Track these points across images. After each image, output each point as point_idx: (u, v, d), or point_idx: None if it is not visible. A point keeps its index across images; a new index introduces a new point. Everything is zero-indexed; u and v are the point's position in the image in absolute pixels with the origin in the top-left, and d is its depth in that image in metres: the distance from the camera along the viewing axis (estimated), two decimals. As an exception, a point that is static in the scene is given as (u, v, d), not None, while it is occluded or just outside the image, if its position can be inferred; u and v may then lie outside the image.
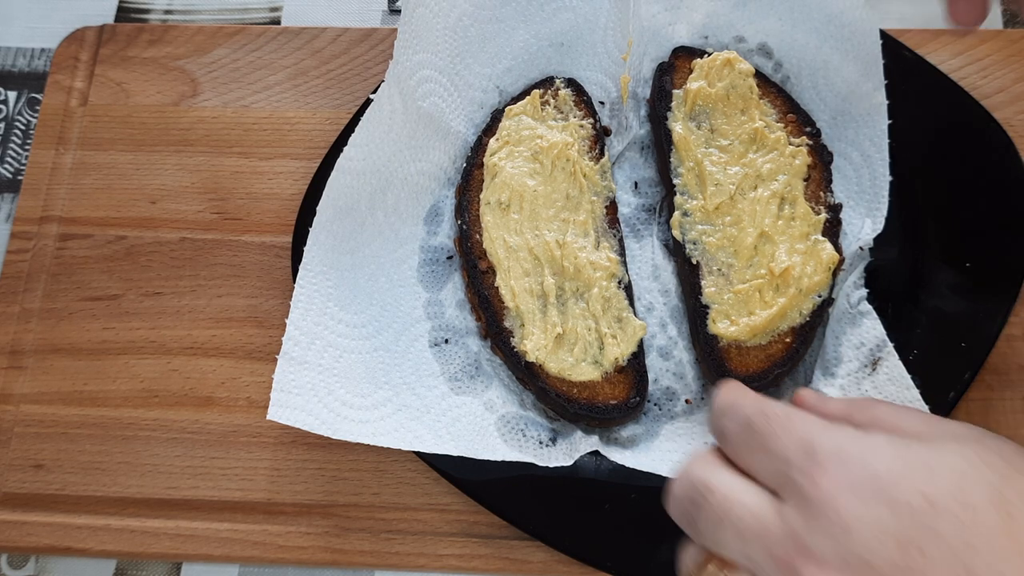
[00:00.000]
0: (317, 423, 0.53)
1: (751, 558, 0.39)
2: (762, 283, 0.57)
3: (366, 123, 0.60)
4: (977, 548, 0.34)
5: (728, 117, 0.61)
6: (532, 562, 0.56)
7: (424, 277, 0.63)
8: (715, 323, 0.56)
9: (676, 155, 0.61)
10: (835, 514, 0.36)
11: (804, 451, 0.39)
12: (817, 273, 0.56)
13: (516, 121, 0.64)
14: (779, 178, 0.59)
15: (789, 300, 0.56)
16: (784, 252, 0.57)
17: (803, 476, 0.38)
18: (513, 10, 0.66)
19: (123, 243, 0.68)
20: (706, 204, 0.59)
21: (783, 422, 0.41)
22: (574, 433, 0.57)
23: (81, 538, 0.59)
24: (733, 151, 0.60)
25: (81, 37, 0.74)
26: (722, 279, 0.57)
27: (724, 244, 0.58)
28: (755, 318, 0.56)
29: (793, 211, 0.58)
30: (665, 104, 0.62)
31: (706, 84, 0.61)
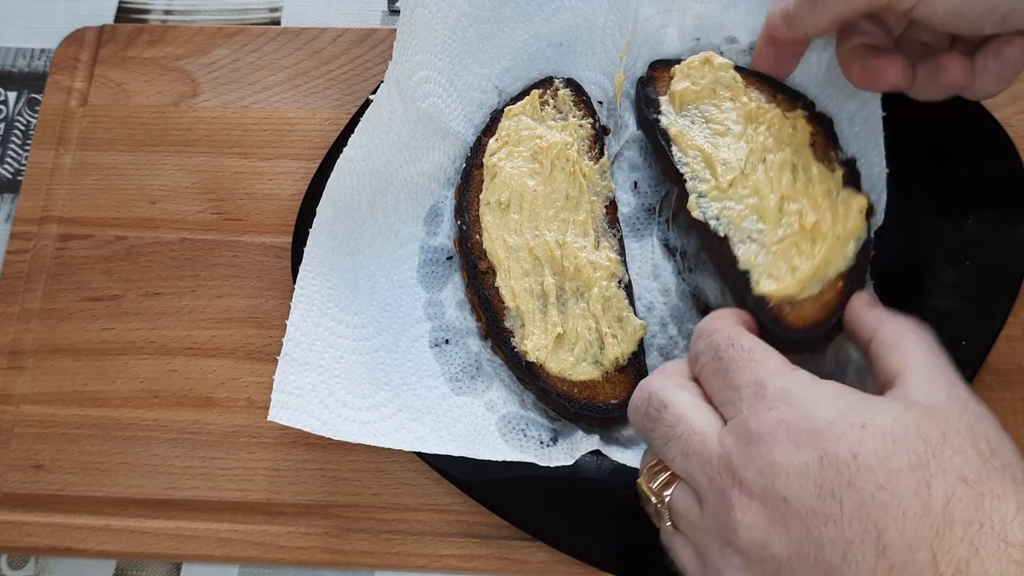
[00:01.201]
0: (318, 424, 0.53)
1: (691, 475, 0.42)
2: (797, 237, 0.55)
3: (366, 124, 0.60)
4: (889, 508, 0.36)
5: (718, 107, 0.61)
6: (532, 562, 0.56)
7: (424, 277, 0.63)
8: (759, 284, 0.54)
9: (677, 150, 0.60)
10: (767, 449, 0.39)
11: (755, 386, 0.42)
12: (849, 219, 0.55)
13: (515, 121, 0.64)
14: (784, 148, 0.58)
15: (829, 247, 0.54)
16: (810, 208, 0.56)
17: (748, 408, 0.41)
18: (512, 10, 0.66)
19: (123, 243, 0.68)
20: (719, 183, 0.58)
21: (746, 355, 0.44)
22: (575, 433, 0.57)
23: (81, 538, 0.59)
24: (732, 133, 0.60)
25: (81, 37, 0.74)
26: (755, 245, 0.55)
27: (747, 213, 0.56)
28: (800, 270, 0.54)
29: (808, 175, 0.57)
30: (654, 110, 0.62)
31: (690, 84, 0.61)
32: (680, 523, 0.44)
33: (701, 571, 0.43)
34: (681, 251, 0.63)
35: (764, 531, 0.38)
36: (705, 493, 0.42)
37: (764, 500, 0.39)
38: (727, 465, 0.40)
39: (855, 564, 0.36)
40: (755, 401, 0.41)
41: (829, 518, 0.37)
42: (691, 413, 0.43)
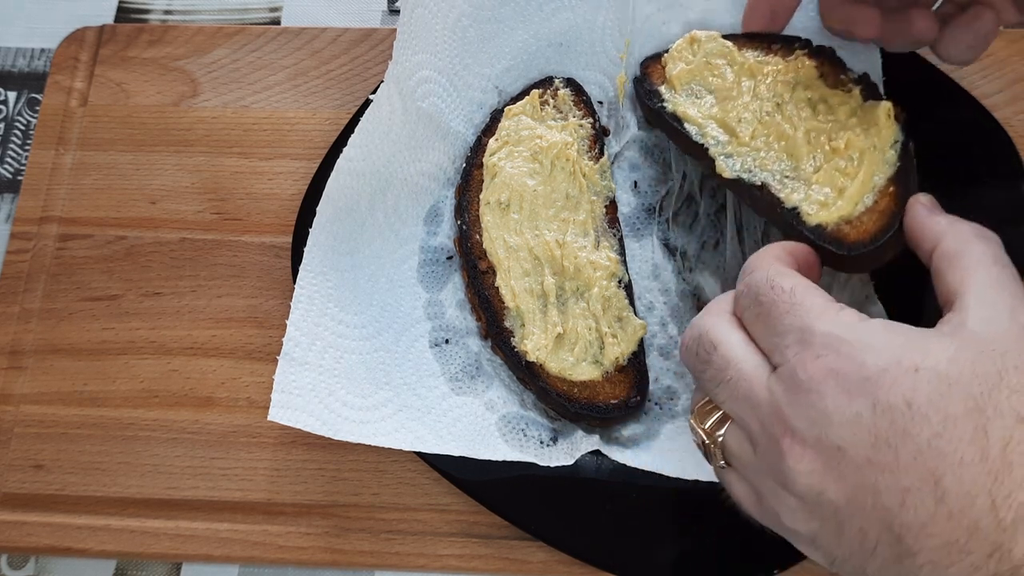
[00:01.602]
0: (318, 424, 0.53)
1: (742, 419, 0.42)
2: (835, 161, 0.54)
3: (365, 123, 0.60)
4: (946, 455, 0.36)
5: (717, 75, 0.60)
6: (532, 562, 0.56)
7: (424, 277, 0.63)
8: (811, 215, 0.52)
9: (690, 126, 0.59)
10: (819, 399, 0.38)
11: (800, 332, 0.40)
12: (880, 127, 0.54)
13: (515, 121, 0.64)
14: (796, 88, 0.57)
15: (869, 159, 0.53)
16: (836, 130, 0.55)
17: (795, 356, 0.40)
18: (512, 10, 0.66)
19: (123, 243, 0.68)
20: (740, 139, 0.57)
21: (787, 298, 0.42)
22: (575, 433, 0.57)
23: (81, 538, 0.59)
24: (739, 92, 0.59)
25: (81, 37, 0.74)
26: (794, 182, 0.54)
27: (778, 156, 0.55)
28: (847, 189, 0.52)
29: (828, 104, 0.56)
30: (656, 99, 0.61)
31: (684, 65, 0.61)
32: (734, 462, 0.44)
33: (757, 507, 0.43)
34: (681, 251, 0.63)
35: (819, 478, 0.38)
36: (757, 437, 0.41)
37: (818, 449, 0.38)
38: (777, 413, 0.40)
39: (913, 510, 0.36)
40: (801, 349, 0.40)
41: (885, 467, 0.36)
42: (740, 356, 0.42)
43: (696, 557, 0.55)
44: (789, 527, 0.41)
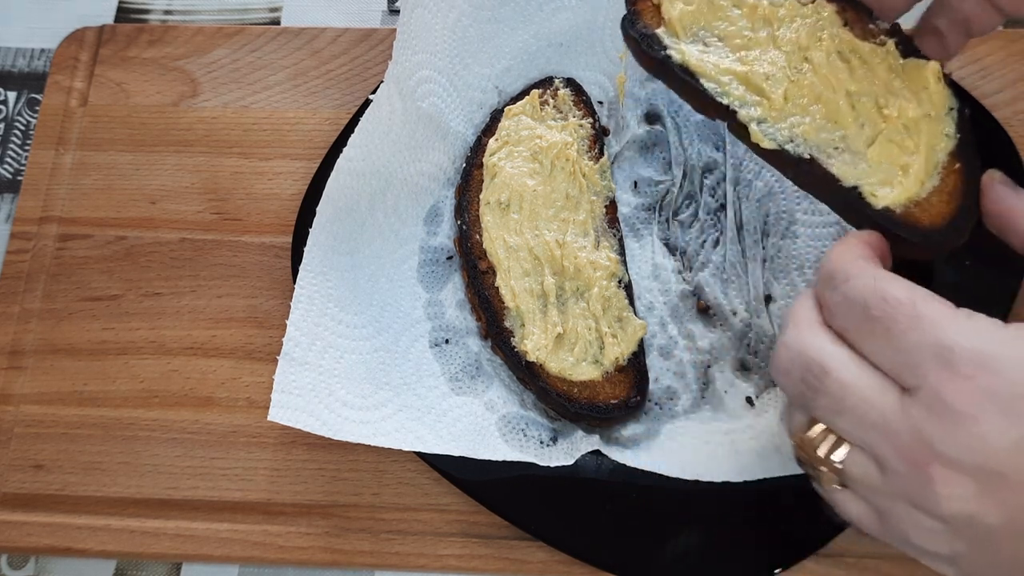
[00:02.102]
0: (318, 424, 0.53)
1: (870, 445, 0.39)
2: (889, 131, 0.49)
3: (365, 123, 0.60)
4: None
5: (726, 19, 0.53)
6: (532, 562, 0.56)
7: (424, 277, 0.63)
8: (877, 197, 0.47)
9: (707, 81, 0.52)
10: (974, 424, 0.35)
11: (938, 354, 0.36)
12: (931, 91, 0.49)
13: (515, 121, 0.64)
14: (822, 39, 0.52)
15: (928, 128, 0.48)
16: (883, 94, 0.50)
17: (937, 378, 0.36)
18: (512, 10, 0.66)
19: (123, 243, 0.68)
20: (773, 101, 0.51)
21: (908, 312, 0.38)
22: (575, 433, 0.57)
23: (81, 538, 0.59)
24: (756, 43, 0.52)
25: (81, 37, 0.74)
26: (846, 155, 0.49)
27: (821, 123, 0.50)
28: (911, 166, 0.47)
29: (862, 58, 0.51)
30: (658, 47, 0.53)
31: (683, 4, 0.54)
32: (854, 486, 0.41)
33: (878, 527, 0.41)
34: (681, 251, 0.63)
35: (973, 503, 0.36)
36: (891, 463, 0.38)
37: (974, 475, 0.36)
38: (921, 439, 0.37)
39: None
40: (942, 369, 0.36)
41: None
42: (859, 380, 0.39)
43: (696, 557, 0.55)
44: (922, 547, 0.39)
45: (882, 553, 0.55)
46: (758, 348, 0.59)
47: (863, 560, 0.55)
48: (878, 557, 0.55)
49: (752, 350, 0.59)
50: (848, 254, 0.42)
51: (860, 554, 0.55)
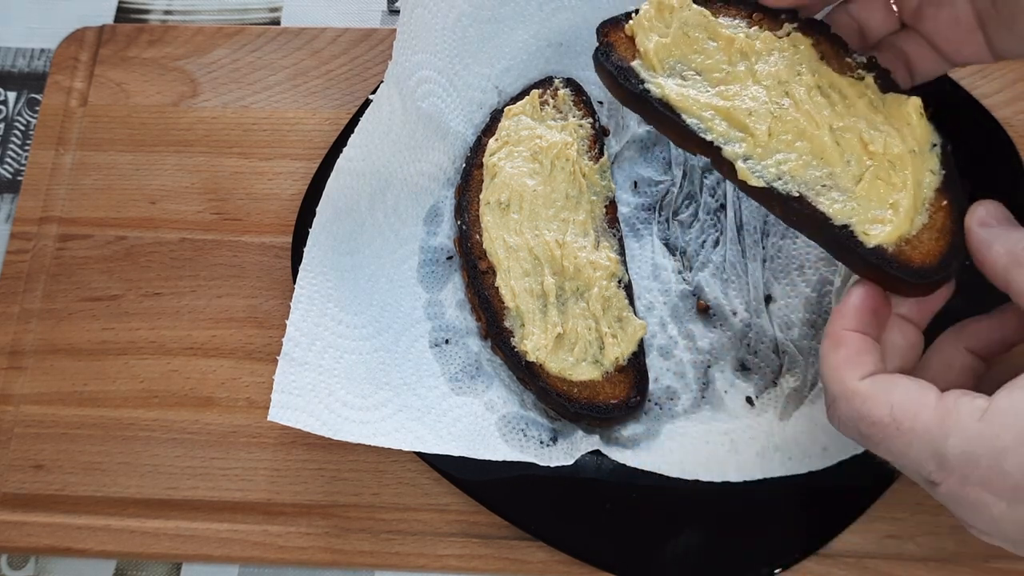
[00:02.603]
0: (318, 424, 0.53)
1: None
2: (876, 168, 0.49)
3: (365, 124, 0.60)
4: None
5: (702, 52, 0.53)
6: (532, 562, 0.56)
7: (424, 277, 0.63)
8: (869, 235, 0.47)
9: (688, 116, 0.51)
10: (985, 509, 0.41)
11: (933, 459, 0.41)
12: (914, 126, 0.49)
13: (515, 121, 0.64)
14: (800, 71, 0.51)
15: (913, 166, 0.48)
16: (867, 130, 0.50)
17: (944, 483, 0.41)
18: (512, 10, 0.66)
19: (123, 243, 0.68)
20: (757, 138, 0.50)
21: (894, 430, 0.42)
22: (575, 433, 0.57)
23: (81, 538, 0.59)
24: (734, 76, 0.52)
25: (81, 37, 0.74)
26: (835, 192, 0.49)
27: (807, 159, 0.50)
28: (900, 203, 0.48)
29: (842, 93, 0.51)
30: (635, 80, 0.52)
31: (659, 37, 0.53)
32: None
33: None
34: (681, 251, 0.63)
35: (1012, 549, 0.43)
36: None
37: (1003, 542, 0.43)
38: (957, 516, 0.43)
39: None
40: (944, 475, 0.41)
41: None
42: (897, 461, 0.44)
43: (696, 557, 0.55)
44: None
45: (882, 553, 0.55)
46: (758, 348, 0.59)
47: (863, 560, 0.55)
48: (878, 557, 0.55)
49: (752, 350, 0.59)
50: (828, 363, 0.46)
51: (860, 554, 0.55)
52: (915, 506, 0.56)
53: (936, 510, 0.56)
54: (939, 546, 0.55)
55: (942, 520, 0.55)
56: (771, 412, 0.57)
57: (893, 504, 0.56)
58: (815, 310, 0.60)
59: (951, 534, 0.55)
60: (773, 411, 0.57)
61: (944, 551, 0.55)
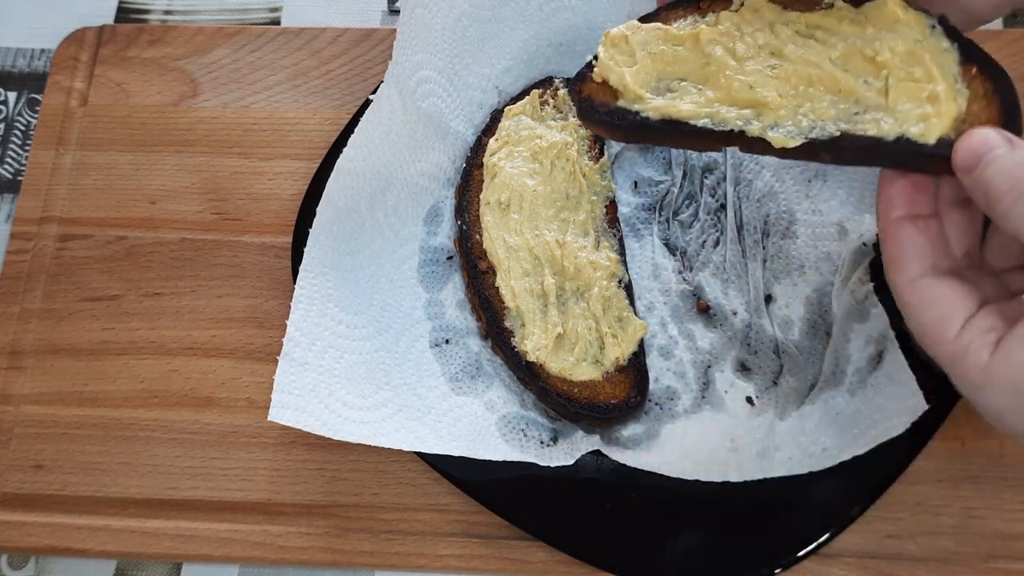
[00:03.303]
0: (318, 424, 0.53)
1: None
2: (894, 74, 0.48)
3: (365, 124, 0.60)
4: None
5: (675, 62, 0.52)
6: (532, 562, 0.56)
7: (424, 277, 0.63)
8: (926, 133, 0.46)
9: (697, 121, 0.50)
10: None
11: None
12: (902, 20, 0.49)
13: (515, 121, 0.64)
14: (773, 29, 0.51)
15: (926, 51, 0.48)
16: (865, 46, 0.49)
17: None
18: (512, 10, 0.66)
19: (123, 243, 0.68)
20: (770, 105, 0.49)
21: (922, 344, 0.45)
22: (575, 433, 0.57)
23: (81, 538, 0.59)
24: (718, 65, 0.51)
25: (81, 38, 0.74)
26: (870, 113, 0.48)
27: (829, 100, 0.49)
28: (938, 91, 0.46)
29: (819, 27, 0.51)
30: (631, 116, 0.51)
31: (632, 71, 0.52)
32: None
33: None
34: (681, 251, 0.63)
35: None
36: None
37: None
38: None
39: None
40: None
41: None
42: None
43: (696, 557, 0.55)
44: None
45: (882, 553, 0.55)
46: (758, 348, 0.59)
47: (863, 560, 0.55)
48: (878, 557, 0.55)
49: (752, 350, 0.59)
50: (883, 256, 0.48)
51: (860, 554, 0.55)
52: (915, 506, 0.56)
53: (936, 510, 0.56)
54: (939, 546, 0.55)
55: (942, 520, 0.56)
56: (771, 412, 0.57)
57: (893, 504, 0.56)
58: (815, 310, 0.60)
59: (951, 534, 0.55)
60: (773, 411, 0.57)
61: (944, 551, 0.55)
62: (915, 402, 0.52)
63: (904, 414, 0.52)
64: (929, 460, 0.56)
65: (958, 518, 0.55)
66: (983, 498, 0.56)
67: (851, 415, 0.55)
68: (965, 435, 0.57)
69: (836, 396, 0.56)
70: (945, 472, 0.57)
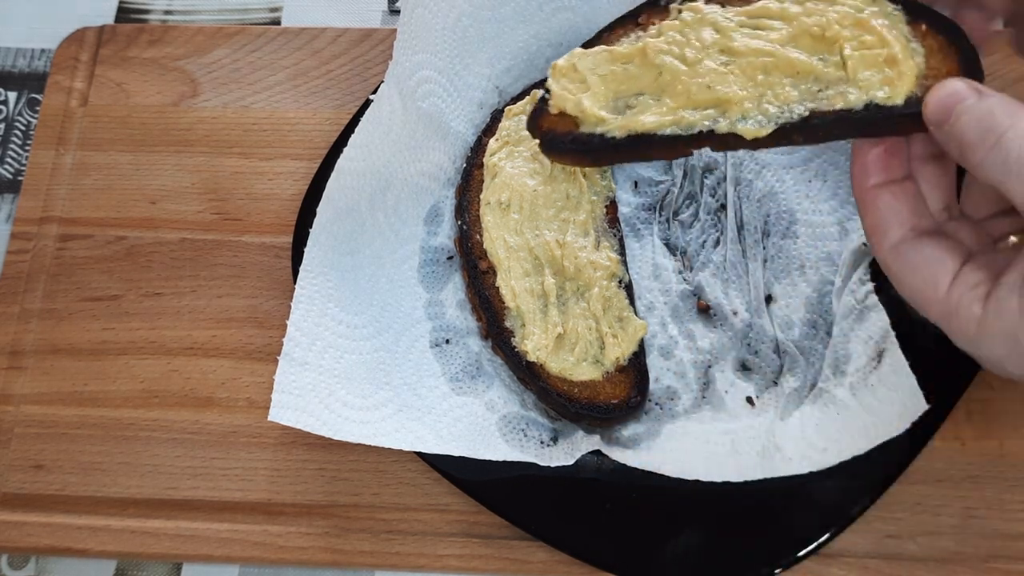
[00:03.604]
0: (318, 424, 0.53)
1: None
2: (846, 45, 0.48)
3: (366, 124, 0.60)
4: None
5: (628, 79, 0.52)
6: (533, 562, 0.56)
7: (425, 277, 0.63)
8: (892, 95, 0.46)
9: (664, 130, 0.50)
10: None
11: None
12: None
13: (516, 121, 0.64)
14: (716, 26, 0.51)
15: (872, 17, 0.48)
16: (812, 24, 0.49)
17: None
18: (512, 10, 0.66)
19: (123, 243, 0.68)
20: (732, 100, 0.49)
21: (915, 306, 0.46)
22: (575, 433, 0.57)
23: (81, 538, 0.59)
24: (670, 73, 0.51)
25: (81, 38, 0.74)
26: (832, 88, 0.48)
27: (789, 83, 0.49)
28: (893, 53, 0.47)
29: (762, 15, 0.51)
30: (596, 140, 0.51)
31: (589, 95, 0.52)
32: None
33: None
34: (681, 251, 0.63)
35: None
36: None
37: None
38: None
39: None
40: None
41: None
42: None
43: (696, 557, 0.55)
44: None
45: (882, 553, 0.55)
46: (759, 348, 0.59)
47: (863, 560, 0.55)
48: (878, 557, 0.55)
49: (753, 350, 0.59)
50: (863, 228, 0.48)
51: (860, 554, 0.55)
52: (915, 506, 0.56)
53: (936, 510, 0.56)
54: (939, 546, 0.55)
55: (942, 520, 0.56)
56: (771, 412, 0.57)
57: (893, 504, 0.56)
58: (815, 310, 0.60)
59: (951, 534, 0.55)
60: (774, 411, 0.57)
61: (944, 551, 0.55)
62: (915, 402, 0.52)
63: (904, 414, 0.52)
64: (929, 460, 0.56)
65: (958, 518, 0.55)
66: (983, 498, 0.56)
67: (851, 415, 0.55)
68: (965, 435, 0.57)
69: (836, 396, 0.56)
70: (945, 472, 0.57)
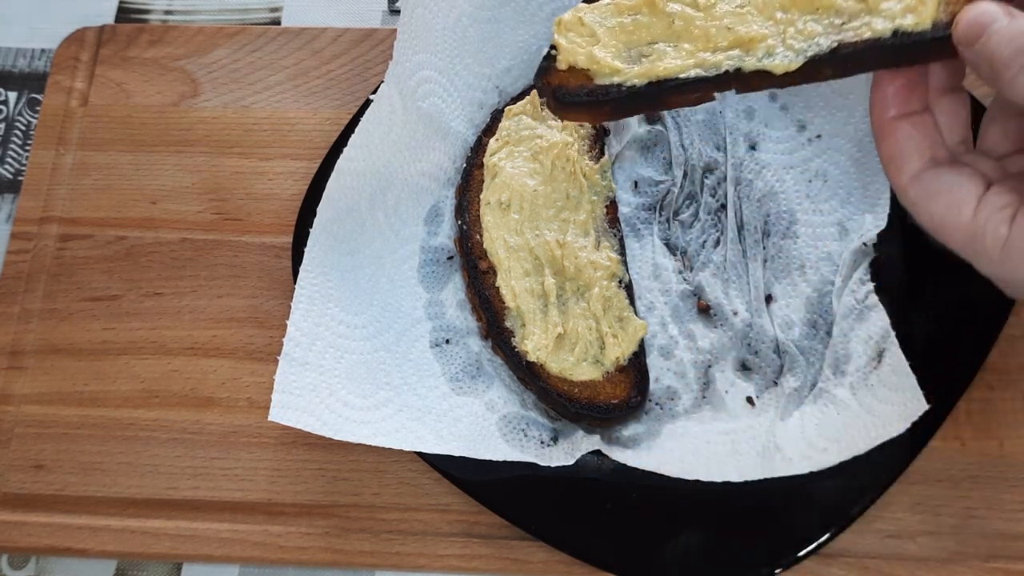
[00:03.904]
0: (318, 424, 0.53)
1: None
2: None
3: (366, 124, 0.60)
4: None
5: (639, 29, 0.50)
6: (533, 562, 0.56)
7: (425, 277, 0.63)
8: (919, 21, 0.45)
9: (686, 73, 0.48)
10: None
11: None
12: None
13: (516, 121, 0.64)
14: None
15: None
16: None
17: None
18: (512, 10, 0.66)
19: (123, 243, 0.68)
20: (755, 39, 0.48)
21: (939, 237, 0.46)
22: (575, 433, 0.57)
23: (81, 538, 0.59)
24: (684, 19, 0.50)
25: (81, 38, 0.74)
26: (856, 20, 0.46)
27: (811, 18, 0.47)
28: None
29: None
30: (613, 90, 0.49)
31: (599, 48, 0.50)
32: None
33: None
34: (682, 251, 0.63)
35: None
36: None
37: None
38: None
39: None
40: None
41: None
42: None
43: (696, 557, 0.55)
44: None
45: (882, 553, 0.55)
46: (759, 348, 0.59)
47: (863, 560, 0.55)
48: (878, 557, 0.55)
49: (753, 350, 0.59)
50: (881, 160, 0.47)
51: (860, 554, 0.55)
52: (915, 506, 0.56)
53: (936, 510, 0.56)
54: (939, 546, 0.55)
55: (942, 520, 0.56)
56: (772, 412, 0.57)
57: (893, 504, 0.56)
58: (816, 310, 0.60)
59: (951, 534, 0.55)
60: (774, 411, 0.57)
61: (944, 551, 0.55)
62: (915, 402, 0.52)
63: (904, 414, 0.52)
64: (929, 460, 0.56)
65: (958, 518, 0.55)
66: (983, 498, 0.56)
67: (851, 415, 0.55)
68: (965, 435, 0.57)
69: (837, 396, 0.56)
70: (945, 472, 0.57)
